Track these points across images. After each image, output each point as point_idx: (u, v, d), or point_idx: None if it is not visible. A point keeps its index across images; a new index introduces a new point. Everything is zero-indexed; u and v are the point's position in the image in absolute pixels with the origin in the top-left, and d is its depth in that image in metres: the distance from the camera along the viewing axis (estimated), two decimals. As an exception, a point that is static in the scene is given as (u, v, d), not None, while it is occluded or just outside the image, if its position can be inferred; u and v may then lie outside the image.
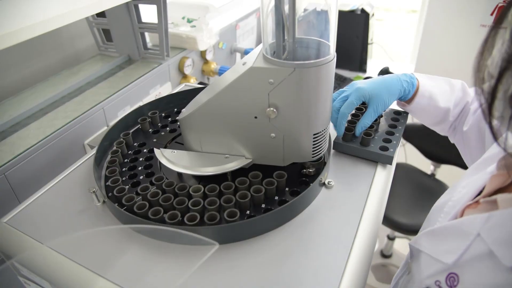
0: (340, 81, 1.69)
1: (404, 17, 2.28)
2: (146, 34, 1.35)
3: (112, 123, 1.13)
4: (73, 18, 0.82)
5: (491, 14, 1.33)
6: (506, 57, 0.32)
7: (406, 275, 0.57)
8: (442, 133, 0.81)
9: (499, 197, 0.41)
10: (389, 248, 1.89)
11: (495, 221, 0.40)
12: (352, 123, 0.69)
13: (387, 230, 1.81)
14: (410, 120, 2.09)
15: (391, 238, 1.84)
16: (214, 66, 1.52)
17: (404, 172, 1.77)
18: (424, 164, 1.80)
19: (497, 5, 1.30)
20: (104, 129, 1.11)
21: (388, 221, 1.50)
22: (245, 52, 1.72)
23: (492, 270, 0.38)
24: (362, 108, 0.74)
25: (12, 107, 1.08)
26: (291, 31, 0.52)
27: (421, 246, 0.50)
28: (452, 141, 0.80)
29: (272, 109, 0.53)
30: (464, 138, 0.73)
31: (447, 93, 0.72)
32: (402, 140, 2.20)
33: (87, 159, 0.73)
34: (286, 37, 0.53)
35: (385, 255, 1.92)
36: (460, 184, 0.53)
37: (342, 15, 1.68)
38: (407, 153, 2.31)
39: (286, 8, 0.50)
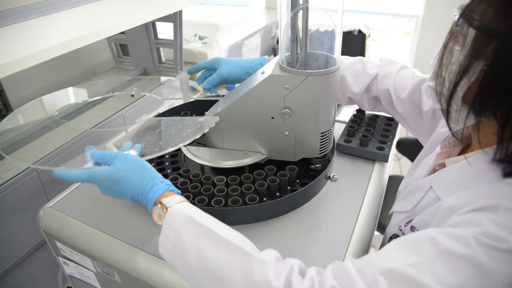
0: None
1: (399, 38, 2.43)
2: (161, 49, 1.46)
3: (130, 128, 1.22)
4: (97, 38, 0.90)
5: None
6: (458, 70, 0.44)
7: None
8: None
9: (446, 160, 0.56)
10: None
11: (442, 175, 0.54)
12: (352, 127, 0.79)
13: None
14: (405, 134, 2.20)
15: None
16: (221, 80, 1.62)
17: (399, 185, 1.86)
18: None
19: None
20: (123, 134, 1.20)
21: (383, 230, 1.58)
22: (250, 68, 1.84)
23: (436, 211, 0.50)
24: (360, 115, 0.85)
25: (39, 113, 1.17)
26: (304, 46, 0.63)
27: (394, 208, 0.63)
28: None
29: (287, 110, 0.63)
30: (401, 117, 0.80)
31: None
32: (398, 154, 2.30)
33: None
34: (299, 51, 0.64)
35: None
36: (417, 164, 0.67)
37: (341, 35, 1.81)
38: (402, 167, 2.41)
39: (300, 26, 0.61)
